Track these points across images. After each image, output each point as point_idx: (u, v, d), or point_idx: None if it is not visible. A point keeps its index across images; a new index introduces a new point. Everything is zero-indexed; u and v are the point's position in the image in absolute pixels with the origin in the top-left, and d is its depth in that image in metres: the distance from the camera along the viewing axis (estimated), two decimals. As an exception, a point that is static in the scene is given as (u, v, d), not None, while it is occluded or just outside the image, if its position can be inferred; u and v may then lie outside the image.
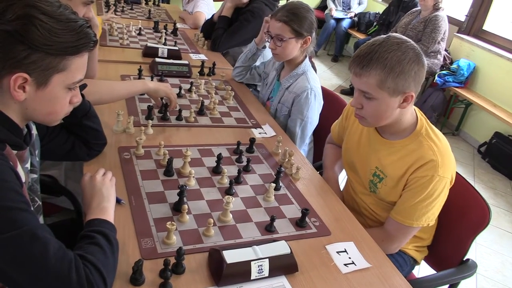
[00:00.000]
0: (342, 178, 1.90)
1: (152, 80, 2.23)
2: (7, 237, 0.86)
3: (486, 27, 4.97)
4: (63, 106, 1.07)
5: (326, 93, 2.29)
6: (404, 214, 1.50)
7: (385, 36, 1.44)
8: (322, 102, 2.15)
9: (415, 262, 1.72)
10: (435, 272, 1.72)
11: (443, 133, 1.58)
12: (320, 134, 2.27)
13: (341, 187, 1.87)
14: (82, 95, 1.41)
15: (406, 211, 1.50)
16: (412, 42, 1.44)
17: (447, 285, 1.68)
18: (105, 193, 1.22)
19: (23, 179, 1.02)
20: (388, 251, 1.49)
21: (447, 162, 1.47)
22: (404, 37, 1.44)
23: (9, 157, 0.98)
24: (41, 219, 1.23)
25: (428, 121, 1.57)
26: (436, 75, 4.78)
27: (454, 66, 4.78)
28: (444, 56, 4.84)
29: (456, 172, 1.58)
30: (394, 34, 1.47)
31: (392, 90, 1.41)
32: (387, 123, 1.51)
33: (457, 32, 5.11)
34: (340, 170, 1.94)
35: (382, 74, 1.38)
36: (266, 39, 2.18)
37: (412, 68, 1.39)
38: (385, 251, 1.39)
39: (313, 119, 2.11)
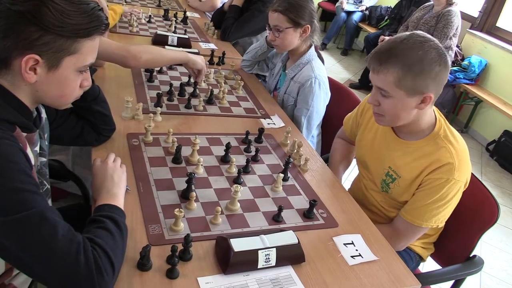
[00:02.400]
0: (349, 172, 1.90)
1: (161, 68, 2.23)
2: (17, 219, 0.86)
3: (500, 23, 4.92)
4: (73, 89, 1.07)
5: (335, 85, 2.28)
6: (415, 214, 1.49)
7: (408, 33, 1.39)
8: (329, 93, 2.14)
9: (421, 259, 1.72)
10: (441, 267, 1.72)
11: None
12: (328, 127, 2.26)
13: (350, 181, 1.86)
14: (92, 79, 1.41)
15: (417, 211, 1.48)
16: (437, 42, 1.38)
17: (452, 281, 1.68)
18: (116, 179, 1.23)
19: (33, 162, 1.03)
20: (395, 249, 1.48)
21: (464, 165, 1.44)
22: (428, 35, 1.39)
23: (18, 139, 0.98)
24: (49, 203, 1.23)
25: (447, 122, 1.54)
26: (446, 72, 4.74)
27: (465, 62, 4.74)
28: (455, 52, 4.80)
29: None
30: (418, 32, 1.41)
31: (410, 90, 1.37)
32: (404, 123, 1.48)
33: (470, 28, 5.06)
34: (345, 169, 1.94)
35: (400, 72, 1.34)
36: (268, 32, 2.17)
37: (433, 68, 1.34)
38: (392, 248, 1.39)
39: (318, 108, 2.10)
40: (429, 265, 1.78)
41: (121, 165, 1.34)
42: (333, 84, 2.25)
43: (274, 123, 1.97)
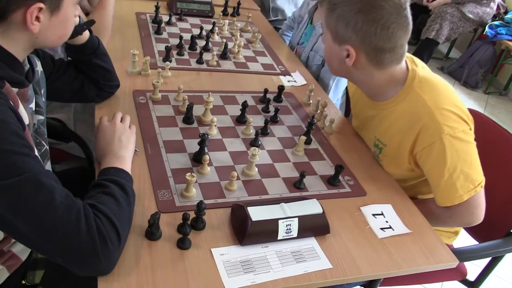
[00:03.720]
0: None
1: (170, 19, 2.18)
2: (9, 184, 0.83)
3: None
4: (72, 25, 1.07)
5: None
6: (447, 194, 1.37)
7: None
8: None
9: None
10: (477, 243, 1.68)
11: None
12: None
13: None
14: (90, 31, 1.38)
15: (447, 191, 1.37)
16: None
17: (489, 259, 1.65)
18: (124, 141, 1.22)
19: (26, 121, 0.99)
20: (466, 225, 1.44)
21: (446, 109, 1.32)
22: None
23: (8, 95, 0.94)
24: (48, 166, 1.22)
25: (425, 68, 1.45)
26: (486, 26, 4.59)
27: (508, 16, 4.57)
28: (498, 5, 4.63)
29: (505, 129, 1.48)
30: None
31: (334, 33, 1.35)
32: (343, 76, 1.47)
33: (514, -23, 4.86)
34: None
35: (327, 8, 1.34)
36: None
37: (354, 17, 1.28)
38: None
39: None
40: (462, 240, 1.74)
41: (130, 126, 1.31)
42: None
43: (295, 81, 1.93)
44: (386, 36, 1.29)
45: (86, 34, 1.36)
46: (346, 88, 2.20)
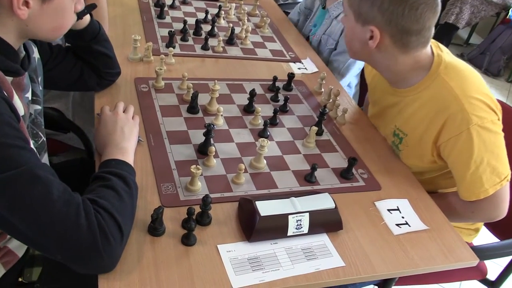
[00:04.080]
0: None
1: (173, 2, 2.17)
2: (3, 178, 0.83)
3: None
4: (69, 18, 1.05)
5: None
6: (473, 188, 1.36)
7: None
8: None
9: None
10: (499, 240, 1.67)
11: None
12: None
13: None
14: (91, 15, 1.37)
15: (472, 184, 1.36)
16: None
17: (511, 256, 1.64)
18: (126, 133, 1.22)
19: (22, 112, 0.99)
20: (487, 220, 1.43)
21: (474, 97, 1.31)
22: None
23: (2, 85, 0.93)
24: (45, 158, 1.22)
25: (450, 53, 1.44)
26: (510, 10, 4.54)
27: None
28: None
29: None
30: None
31: (357, 14, 1.34)
32: (363, 59, 1.45)
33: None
34: None
35: None
36: None
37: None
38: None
39: None
40: (483, 237, 1.73)
41: (133, 117, 1.32)
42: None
43: (305, 68, 1.92)
44: (414, 17, 1.28)
45: (86, 18, 1.35)
46: (361, 76, 2.19)
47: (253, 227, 1.08)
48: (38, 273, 1.26)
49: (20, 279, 1.24)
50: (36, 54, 1.17)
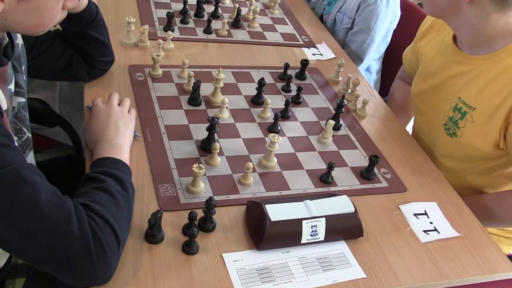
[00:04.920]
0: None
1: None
2: None
3: None
4: (53, 17, 1.00)
5: (405, 4, 2.20)
6: None
7: None
8: (398, 13, 2.08)
9: None
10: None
11: None
12: (392, 62, 2.19)
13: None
14: None
15: None
16: None
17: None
18: (121, 128, 1.22)
19: (4, 106, 0.99)
20: None
21: None
22: None
23: None
24: (31, 157, 1.22)
25: None
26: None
27: None
28: None
29: None
30: None
31: None
32: (443, 15, 1.41)
33: None
34: (405, 122, 1.89)
35: None
36: None
37: None
38: None
39: (380, 34, 2.05)
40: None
41: (129, 111, 1.32)
42: (403, 3, 2.17)
43: (321, 54, 1.92)
44: None
45: (83, 1, 1.35)
46: (385, 62, 2.19)
47: (263, 233, 1.08)
48: (21, 285, 1.27)
49: (1, 291, 1.25)
50: (19, 40, 1.17)
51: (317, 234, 1.12)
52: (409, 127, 1.88)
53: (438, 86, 1.57)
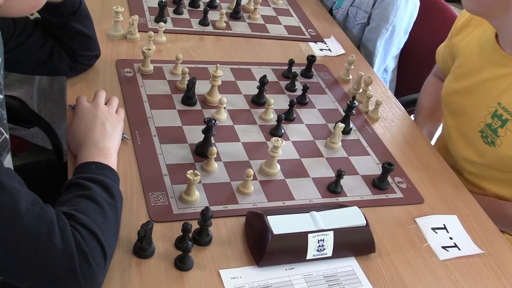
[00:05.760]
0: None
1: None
2: None
3: None
4: None
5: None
6: None
7: None
8: (418, 3, 2.09)
9: None
10: None
11: None
12: (409, 59, 2.20)
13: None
14: None
15: None
16: None
17: None
18: (108, 129, 1.23)
19: None
20: None
21: None
22: None
23: None
24: (8, 160, 1.22)
25: None
26: None
27: None
28: None
29: None
30: None
31: None
32: (495, 12, 1.40)
33: None
34: (435, 125, 1.89)
35: None
36: None
37: None
38: None
39: (401, 28, 2.06)
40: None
41: (117, 111, 1.33)
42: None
43: (329, 49, 1.93)
44: None
45: None
46: (401, 58, 2.20)
47: (264, 248, 1.09)
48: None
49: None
50: (-4, 31, 1.19)
51: (324, 249, 1.13)
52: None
53: (474, 88, 1.57)
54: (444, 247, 1.25)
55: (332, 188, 1.33)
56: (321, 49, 1.92)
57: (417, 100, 1.92)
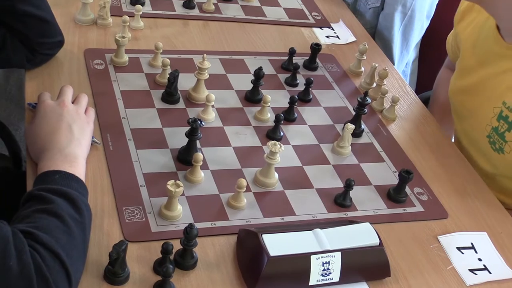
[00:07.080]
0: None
1: None
2: None
3: None
4: None
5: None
6: None
7: None
8: None
9: None
10: None
11: None
12: (433, 46, 2.21)
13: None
14: None
15: None
16: None
17: None
18: (76, 132, 1.22)
19: None
20: None
21: None
22: None
23: None
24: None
25: None
26: None
27: None
28: None
29: None
30: None
31: None
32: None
33: None
34: (452, 132, 1.90)
35: None
36: None
37: None
38: None
39: (422, 13, 2.08)
40: None
41: (86, 111, 1.33)
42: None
43: (337, 36, 1.94)
44: None
45: None
46: (422, 46, 2.22)
47: (259, 272, 1.09)
48: None
49: None
50: None
51: (330, 273, 1.13)
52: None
53: (478, 86, 1.60)
54: (471, 270, 1.25)
55: (340, 201, 1.34)
56: (327, 36, 1.93)
57: (430, 98, 1.93)
